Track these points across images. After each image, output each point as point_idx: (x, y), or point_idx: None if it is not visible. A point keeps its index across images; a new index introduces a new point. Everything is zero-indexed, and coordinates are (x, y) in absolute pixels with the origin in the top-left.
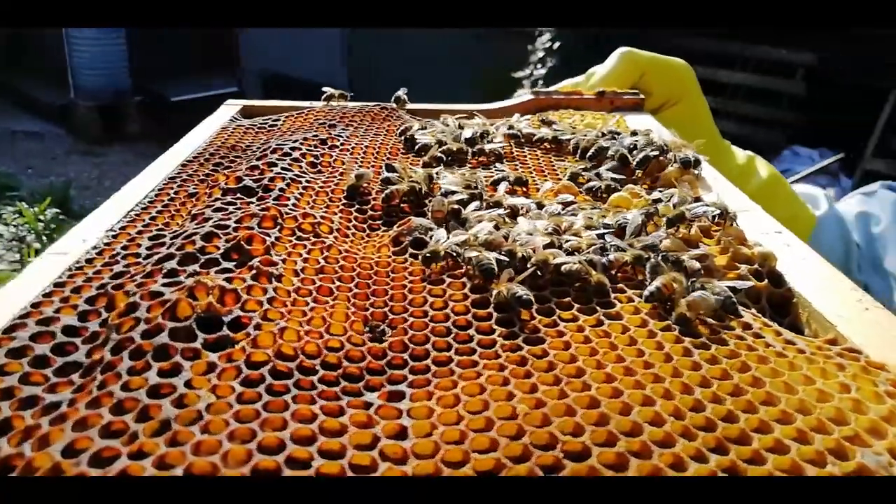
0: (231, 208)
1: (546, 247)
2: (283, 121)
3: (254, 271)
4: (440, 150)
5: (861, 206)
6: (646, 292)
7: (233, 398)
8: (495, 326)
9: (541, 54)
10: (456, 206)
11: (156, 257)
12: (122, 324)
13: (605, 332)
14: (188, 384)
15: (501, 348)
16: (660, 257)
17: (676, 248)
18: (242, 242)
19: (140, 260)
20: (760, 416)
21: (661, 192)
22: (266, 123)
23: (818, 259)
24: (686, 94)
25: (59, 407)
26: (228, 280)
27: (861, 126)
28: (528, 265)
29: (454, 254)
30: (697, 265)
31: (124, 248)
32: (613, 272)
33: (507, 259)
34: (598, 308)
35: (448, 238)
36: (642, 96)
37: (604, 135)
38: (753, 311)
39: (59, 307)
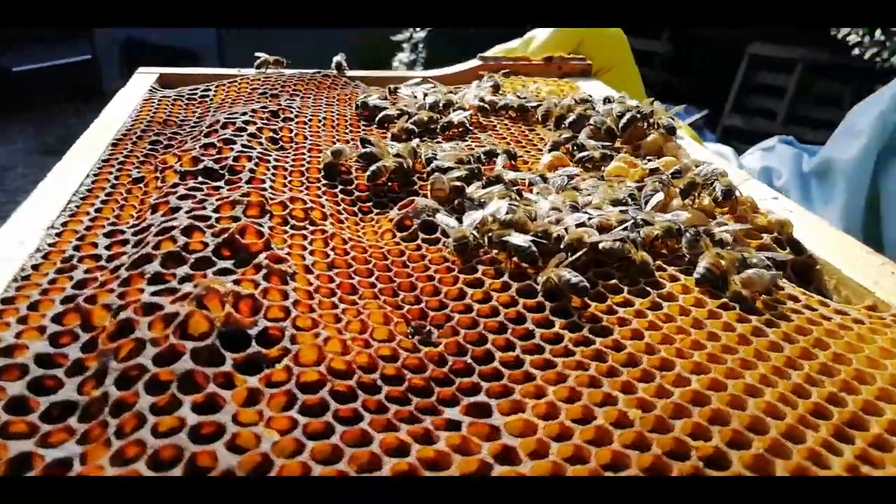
0: (199, 195)
1: (577, 225)
2: (215, 91)
3: (264, 270)
4: (410, 121)
5: (763, 162)
6: (696, 275)
7: (298, 432)
8: (552, 318)
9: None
10: (458, 184)
11: (127, 258)
12: (120, 348)
13: (668, 315)
14: (236, 420)
15: (570, 342)
16: (697, 231)
17: (699, 220)
18: (236, 235)
19: (102, 263)
20: (864, 397)
21: (651, 160)
22: (195, 94)
23: (826, 224)
24: (621, 61)
25: (70, 466)
26: (236, 283)
27: (721, 84)
28: (563, 245)
29: (483, 238)
30: (729, 237)
31: (76, 248)
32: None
33: (544, 241)
34: (647, 289)
35: (467, 221)
36: (590, 62)
37: (577, 102)
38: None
39: (19, 331)
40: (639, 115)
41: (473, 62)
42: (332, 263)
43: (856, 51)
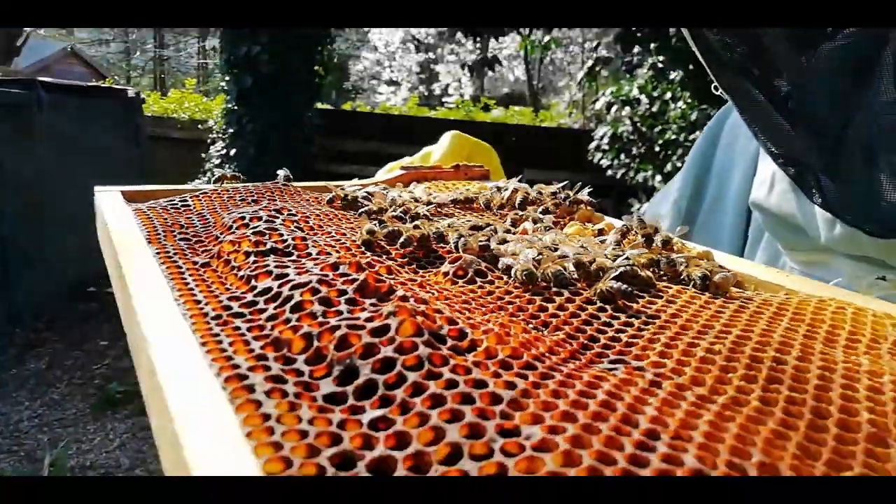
0: (289, 264)
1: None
2: (192, 201)
3: (411, 299)
4: (399, 210)
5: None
6: (696, 279)
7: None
8: (615, 313)
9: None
10: (485, 242)
11: (273, 309)
12: (355, 351)
13: (684, 304)
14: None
15: (640, 323)
16: (668, 258)
17: (657, 255)
18: (368, 281)
19: (249, 318)
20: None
21: (589, 224)
22: (177, 205)
23: (725, 254)
24: (496, 168)
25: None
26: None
27: None
28: (591, 270)
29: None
30: (684, 261)
31: (217, 314)
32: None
33: (581, 266)
34: (660, 293)
35: (522, 255)
36: (487, 168)
37: (516, 190)
38: None
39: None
40: (569, 195)
41: (398, 172)
42: (440, 298)
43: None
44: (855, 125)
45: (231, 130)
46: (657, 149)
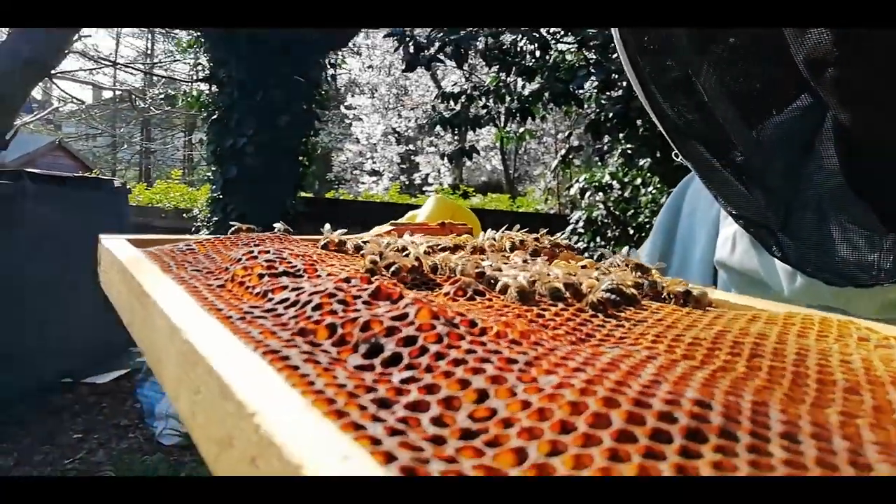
0: (304, 283)
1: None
2: (196, 247)
3: (417, 303)
4: (397, 247)
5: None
6: (678, 297)
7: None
8: (605, 319)
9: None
10: (480, 269)
11: (294, 311)
12: (378, 332)
13: (667, 313)
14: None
15: (629, 323)
16: (651, 281)
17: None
18: (380, 287)
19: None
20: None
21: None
22: (183, 249)
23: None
24: (476, 232)
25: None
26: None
27: None
28: (584, 288)
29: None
30: (664, 283)
31: (242, 315)
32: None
33: (571, 286)
34: (644, 306)
35: (517, 277)
36: (471, 226)
37: (503, 236)
38: None
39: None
40: (550, 240)
41: (387, 227)
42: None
43: None
44: (804, 188)
45: (216, 219)
46: (631, 231)
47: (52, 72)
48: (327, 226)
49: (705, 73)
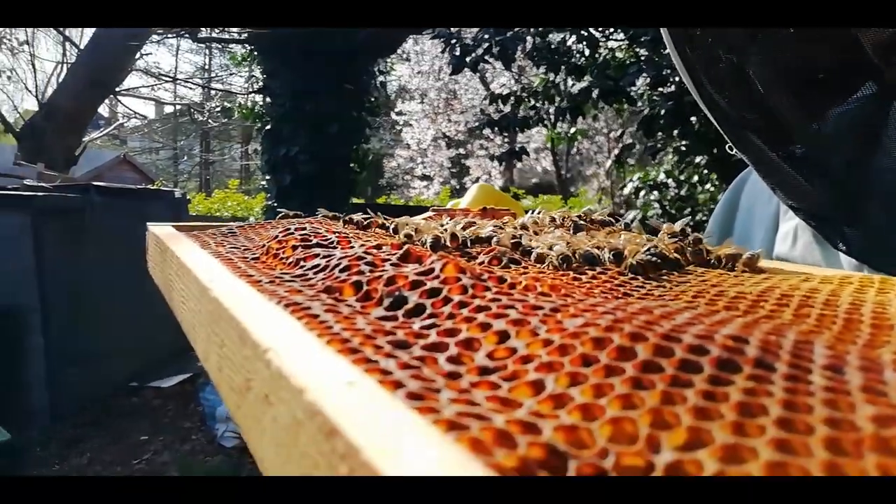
0: (335, 251)
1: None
2: (237, 231)
3: (446, 259)
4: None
5: None
6: (724, 261)
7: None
8: (644, 282)
9: None
10: (516, 240)
11: (330, 271)
12: (402, 286)
13: (713, 277)
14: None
15: (672, 284)
16: (695, 246)
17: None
18: (409, 249)
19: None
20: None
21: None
22: (219, 232)
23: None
24: (518, 215)
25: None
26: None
27: None
28: (626, 252)
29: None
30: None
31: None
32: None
33: (611, 250)
34: (688, 272)
35: (553, 247)
36: (514, 211)
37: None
38: None
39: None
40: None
41: (429, 213)
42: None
43: None
44: (871, 180)
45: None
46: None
47: (116, 89)
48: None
49: (761, 61)
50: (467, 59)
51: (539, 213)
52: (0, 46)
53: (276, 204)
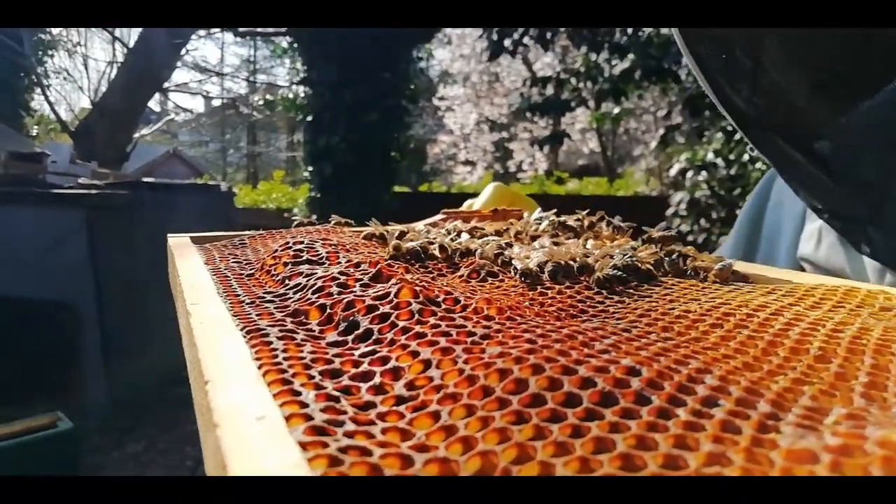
0: (318, 270)
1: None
2: (248, 240)
3: (417, 286)
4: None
5: None
6: (716, 270)
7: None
8: (608, 295)
9: None
10: (499, 251)
11: (304, 291)
12: (359, 311)
13: (683, 289)
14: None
15: (631, 300)
16: (672, 257)
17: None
18: (381, 270)
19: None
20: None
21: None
22: (230, 243)
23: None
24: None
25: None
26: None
27: None
28: (595, 262)
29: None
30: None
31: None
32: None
33: (579, 266)
34: (659, 282)
35: (528, 260)
36: (525, 212)
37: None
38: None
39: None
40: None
41: (439, 216)
42: (453, 285)
43: None
44: None
45: (314, 217)
46: (738, 212)
47: (165, 86)
48: (389, 227)
49: (781, 55)
50: (505, 44)
51: (541, 215)
52: (57, 47)
53: (318, 195)
